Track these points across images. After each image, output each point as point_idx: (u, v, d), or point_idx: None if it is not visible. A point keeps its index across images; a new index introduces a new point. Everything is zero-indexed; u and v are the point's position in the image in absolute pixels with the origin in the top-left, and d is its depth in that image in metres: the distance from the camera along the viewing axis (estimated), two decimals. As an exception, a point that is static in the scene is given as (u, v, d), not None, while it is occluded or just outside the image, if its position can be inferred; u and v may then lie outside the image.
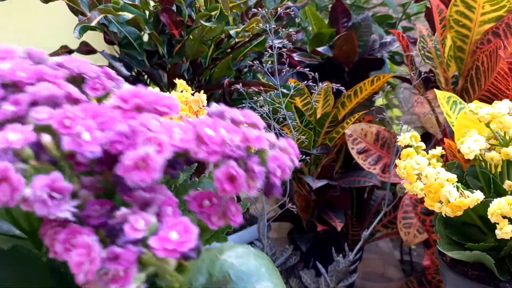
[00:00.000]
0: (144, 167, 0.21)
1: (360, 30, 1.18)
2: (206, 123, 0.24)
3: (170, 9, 0.80)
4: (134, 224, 0.21)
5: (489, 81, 0.81)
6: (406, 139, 0.59)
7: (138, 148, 0.22)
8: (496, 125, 0.53)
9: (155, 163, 0.21)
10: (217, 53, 0.90)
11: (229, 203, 0.25)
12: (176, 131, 0.23)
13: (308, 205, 1.16)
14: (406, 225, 0.95)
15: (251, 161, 0.24)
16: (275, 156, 0.25)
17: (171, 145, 0.22)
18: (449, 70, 0.93)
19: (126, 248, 0.20)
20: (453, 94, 0.72)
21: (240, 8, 0.81)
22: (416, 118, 1.09)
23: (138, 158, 0.21)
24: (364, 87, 1.07)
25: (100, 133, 0.22)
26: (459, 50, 0.88)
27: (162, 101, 0.25)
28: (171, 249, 0.21)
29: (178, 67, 0.85)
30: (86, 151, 0.21)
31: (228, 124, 0.25)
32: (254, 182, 0.24)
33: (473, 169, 0.57)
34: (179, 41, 0.82)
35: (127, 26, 0.80)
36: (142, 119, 0.23)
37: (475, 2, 0.81)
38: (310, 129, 1.04)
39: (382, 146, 1.01)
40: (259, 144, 0.24)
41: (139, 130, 0.22)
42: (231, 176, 0.23)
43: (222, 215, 0.24)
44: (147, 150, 0.21)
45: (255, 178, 0.24)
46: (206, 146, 0.23)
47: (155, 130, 0.23)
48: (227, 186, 0.23)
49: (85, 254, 0.20)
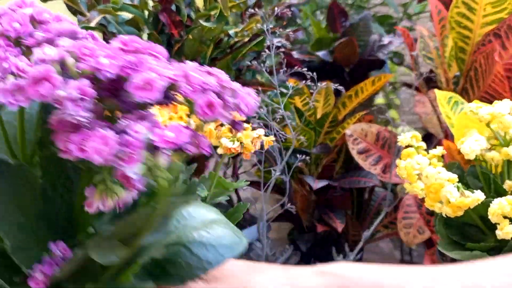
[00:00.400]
0: (149, 88, 0.28)
1: (359, 30, 1.19)
2: (191, 69, 0.32)
3: (169, 9, 0.80)
4: (137, 128, 0.27)
5: (487, 83, 0.81)
6: (407, 139, 0.58)
7: (144, 73, 0.28)
8: (497, 125, 0.52)
9: (157, 85, 0.28)
10: (216, 52, 0.90)
11: (200, 137, 0.31)
12: (170, 68, 0.30)
13: (308, 205, 1.16)
14: (406, 226, 0.95)
15: (225, 95, 0.32)
16: (241, 95, 0.33)
17: (166, 76, 0.29)
18: (450, 70, 0.92)
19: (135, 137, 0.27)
20: (455, 94, 0.72)
21: (240, 8, 0.81)
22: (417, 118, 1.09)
23: (145, 79, 0.28)
24: (365, 87, 1.07)
25: (114, 61, 0.28)
26: (461, 51, 0.88)
27: (154, 48, 0.32)
28: (170, 141, 0.27)
29: (178, 67, 0.85)
30: (104, 70, 0.27)
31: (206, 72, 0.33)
32: (227, 110, 0.31)
33: (474, 170, 0.57)
34: (179, 41, 0.82)
35: (126, 26, 0.79)
36: (142, 57, 0.30)
37: (477, 4, 0.81)
38: (310, 128, 1.04)
39: (383, 146, 1.01)
40: (229, 85, 0.32)
41: (144, 61, 0.29)
42: (210, 103, 0.31)
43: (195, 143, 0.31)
44: (152, 75, 0.28)
45: (228, 107, 0.31)
46: (190, 82, 0.31)
47: (155, 64, 0.30)
48: (207, 111, 0.30)
49: (103, 142, 0.26)
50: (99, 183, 0.29)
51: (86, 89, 0.27)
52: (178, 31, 0.83)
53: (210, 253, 0.36)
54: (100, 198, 0.29)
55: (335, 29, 1.24)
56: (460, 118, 0.62)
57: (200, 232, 0.37)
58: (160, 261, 0.36)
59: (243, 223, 1.09)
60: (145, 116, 0.29)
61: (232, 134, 0.60)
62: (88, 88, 0.27)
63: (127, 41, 0.31)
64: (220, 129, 0.61)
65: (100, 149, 0.26)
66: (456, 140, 0.62)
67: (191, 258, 0.36)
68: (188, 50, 0.81)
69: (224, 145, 0.59)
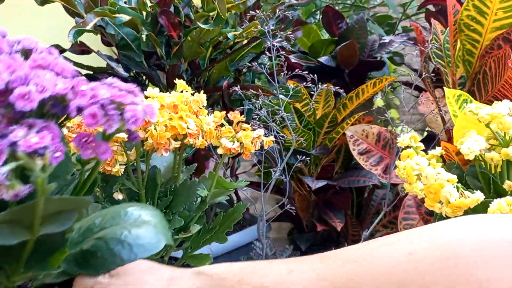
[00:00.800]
0: (27, 99, 0.34)
1: (355, 32, 1.18)
2: (84, 83, 0.38)
3: (168, 11, 0.79)
4: (16, 133, 0.33)
5: (496, 88, 0.80)
6: (406, 141, 0.59)
7: (27, 86, 0.35)
8: (496, 125, 0.53)
9: (34, 97, 0.35)
10: (216, 53, 0.90)
11: (101, 143, 0.38)
12: (60, 83, 0.37)
13: (308, 205, 1.16)
14: (407, 226, 0.95)
15: (109, 107, 0.37)
16: (131, 109, 0.38)
17: (52, 90, 0.36)
18: (457, 71, 0.92)
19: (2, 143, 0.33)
20: (464, 92, 0.72)
21: (239, 9, 0.81)
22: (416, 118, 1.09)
23: (23, 92, 0.34)
24: (366, 89, 1.07)
25: (7, 75, 0.35)
26: (468, 54, 0.87)
27: (60, 65, 0.39)
28: (28, 145, 0.33)
29: (177, 68, 0.85)
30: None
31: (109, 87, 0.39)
32: (110, 121, 0.37)
33: (473, 170, 0.57)
34: (177, 43, 0.82)
35: (124, 27, 0.79)
36: (40, 72, 0.37)
37: (488, 8, 0.80)
38: (309, 129, 1.04)
39: (384, 146, 1.01)
40: (122, 99, 0.38)
41: (30, 77, 0.36)
42: (93, 114, 0.37)
43: (94, 150, 0.37)
44: (31, 88, 0.35)
45: (111, 118, 0.37)
46: (77, 95, 0.37)
47: (44, 79, 0.36)
48: (90, 120, 0.37)
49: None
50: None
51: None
52: (177, 32, 0.82)
53: (125, 250, 0.41)
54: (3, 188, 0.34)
55: (332, 32, 1.25)
56: (460, 120, 0.63)
57: (123, 230, 0.42)
58: (85, 252, 0.42)
59: (243, 223, 1.09)
60: (33, 123, 0.35)
61: (231, 134, 0.60)
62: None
63: (37, 58, 0.38)
64: (220, 129, 0.61)
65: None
66: (455, 141, 0.62)
67: (107, 253, 0.41)
68: (187, 51, 0.81)
69: (224, 145, 0.59)
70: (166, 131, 0.55)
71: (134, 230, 0.42)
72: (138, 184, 0.61)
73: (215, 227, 0.68)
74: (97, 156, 0.37)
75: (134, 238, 0.42)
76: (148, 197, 0.63)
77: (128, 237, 0.42)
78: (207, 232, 0.68)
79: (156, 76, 0.86)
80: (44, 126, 0.35)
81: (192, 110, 0.59)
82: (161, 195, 0.65)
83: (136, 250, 0.41)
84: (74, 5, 0.74)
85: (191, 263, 0.67)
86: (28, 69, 0.36)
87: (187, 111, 0.58)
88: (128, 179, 0.61)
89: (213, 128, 0.59)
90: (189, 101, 0.59)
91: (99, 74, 0.83)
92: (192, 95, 0.60)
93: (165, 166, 0.69)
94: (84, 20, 0.69)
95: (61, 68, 0.39)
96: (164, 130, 0.55)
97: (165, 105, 0.56)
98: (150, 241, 0.42)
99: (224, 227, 0.68)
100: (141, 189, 0.62)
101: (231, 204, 1.04)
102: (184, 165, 0.67)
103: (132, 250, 0.41)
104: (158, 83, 0.86)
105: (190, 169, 0.67)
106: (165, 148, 0.57)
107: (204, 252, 0.68)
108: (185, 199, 0.63)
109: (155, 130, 0.54)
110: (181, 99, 0.58)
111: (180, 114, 0.57)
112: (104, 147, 0.37)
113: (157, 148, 0.57)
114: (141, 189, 0.62)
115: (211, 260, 0.65)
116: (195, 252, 0.68)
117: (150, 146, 0.57)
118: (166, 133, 0.55)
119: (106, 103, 0.37)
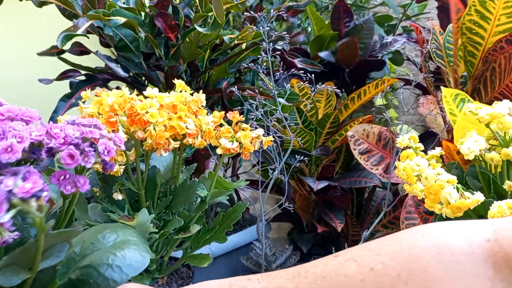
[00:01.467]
0: (11, 151, 0.37)
1: (362, 33, 1.18)
2: (55, 126, 0.42)
3: (165, 13, 0.79)
4: (6, 183, 0.36)
5: (504, 83, 0.80)
6: (405, 141, 0.58)
7: (6, 140, 0.38)
8: (496, 125, 0.52)
9: (17, 148, 0.38)
10: (215, 54, 0.90)
11: (79, 177, 0.42)
12: (34, 131, 0.40)
13: (308, 205, 1.16)
14: (409, 225, 0.94)
15: (84, 145, 0.42)
16: (103, 142, 0.43)
17: (29, 138, 0.39)
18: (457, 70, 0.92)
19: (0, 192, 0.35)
20: (462, 92, 0.72)
21: (238, 9, 0.81)
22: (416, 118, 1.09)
23: (6, 145, 0.37)
24: (368, 90, 1.07)
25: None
26: (470, 55, 0.87)
27: (26, 114, 0.42)
28: (25, 191, 0.36)
29: (176, 69, 0.85)
30: None
31: (74, 126, 0.43)
32: (87, 158, 0.41)
33: (473, 170, 0.57)
34: (175, 44, 0.82)
35: (122, 28, 0.79)
36: (12, 124, 0.40)
37: (491, 14, 0.80)
38: (311, 130, 1.04)
39: (385, 146, 1.01)
40: (92, 135, 0.42)
41: (7, 130, 0.39)
42: (71, 155, 0.40)
43: (74, 185, 0.41)
44: (12, 141, 0.38)
45: (88, 155, 0.41)
46: (53, 138, 0.41)
47: (19, 130, 0.39)
48: (69, 161, 0.40)
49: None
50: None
51: None
52: (174, 34, 0.82)
53: (116, 273, 0.44)
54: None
55: (339, 28, 1.23)
56: (459, 120, 0.62)
57: (109, 254, 0.45)
58: (74, 281, 0.44)
59: (243, 223, 1.09)
60: (17, 171, 0.38)
61: (231, 134, 0.60)
62: None
63: (3, 111, 0.41)
64: (219, 129, 0.61)
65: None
66: (455, 140, 0.62)
67: (99, 279, 0.43)
68: (185, 53, 0.81)
69: (223, 146, 0.59)
70: (165, 131, 0.55)
71: (119, 252, 0.45)
72: (138, 184, 0.61)
73: (215, 227, 0.68)
74: (78, 189, 0.41)
75: (121, 259, 0.45)
76: (148, 197, 0.63)
77: (116, 260, 0.45)
78: (207, 232, 0.68)
79: (155, 76, 0.86)
80: (26, 172, 0.38)
81: (191, 110, 0.59)
82: (160, 195, 0.65)
83: (126, 270, 0.44)
84: (72, 6, 0.74)
85: (191, 263, 0.67)
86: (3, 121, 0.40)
87: (186, 111, 0.58)
88: (128, 179, 0.61)
89: (212, 128, 0.59)
90: (188, 101, 0.59)
91: (98, 74, 0.83)
92: (191, 95, 0.60)
93: (165, 166, 0.69)
94: (76, 24, 0.68)
95: (28, 116, 0.42)
96: (163, 130, 0.55)
97: (164, 105, 0.56)
98: (136, 259, 0.45)
99: (223, 226, 0.68)
100: (140, 189, 0.62)
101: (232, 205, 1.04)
102: (183, 165, 0.67)
103: (123, 271, 0.44)
104: (158, 83, 0.86)
105: (189, 169, 0.67)
106: (164, 148, 0.57)
107: (204, 252, 0.68)
108: (185, 199, 0.63)
109: (154, 130, 0.54)
110: (180, 99, 0.58)
111: (179, 114, 0.57)
112: (82, 180, 0.42)
113: (156, 148, 0.57)
114: (141, 189, 0.62)
115: (210, 260, 0.65)
116: (195, 252, 0.68)
117: (150, 146, 0.57)
118: (165, 133, 0.55)
119: (79, 142, 0.42)
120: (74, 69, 0.85)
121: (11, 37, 1.44)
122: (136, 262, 0.45)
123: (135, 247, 0.47)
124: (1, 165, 0.39)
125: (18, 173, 0.37)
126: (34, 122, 0.42)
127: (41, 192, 0.37)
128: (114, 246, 0.46)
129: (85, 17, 0.69)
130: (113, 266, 0.44)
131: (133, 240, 0.48)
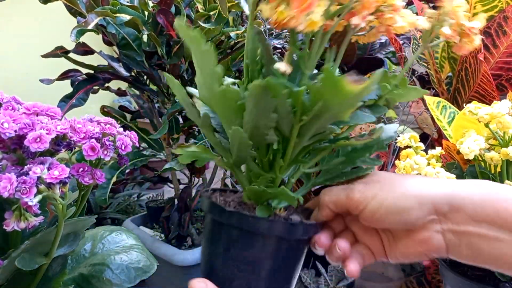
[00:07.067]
0: (39, 141, 0.41)
1: (362, 33, 1.18)
2: (78, 121, 0.46)
3: (167, 11, 0.79)
4: (34, 170, 0.39)
5: (476, 82, 0.81)
6: (406, 140, 0.59)
7: (36, 131, 0.42)
8: (496, 125, 0.53)
9: (45, 139, 0.41)
10: (217, 53, 0.90)
11: (96, 170, 0.46)
12: (59, 124, 0.44)
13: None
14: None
15: (104, 140, 0.46)
16: (120, 138, 0.47)
17: (55, 131, 0.43)
18: (442, 71, 0.93)
19: (30, 177, 0.39)
20: (442, 99, 0.73)
21: (240, 8, 0.81)
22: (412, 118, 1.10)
23: (36, 135, 0.41)
24: (369, 91, 1.07)
25: (14, 124, 0.42)
26: (453, 51, 0.88)
27: (51, 110, 0.46)
28: (55, 177, 0.40)
29: (177, 67, 0.85)
30: (6, 132, 0.41)
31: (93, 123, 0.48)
32: (107, 151, 0.45)
33: (473, 169, 0.57)
34: (177, 42, 0.82)
35: (125, 27, 0.79)
36: (39, 118, 0.44)
37: (467, 2, 0.81)
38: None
39: (381, 145, 1.01)
40: (110, 131, 0.47)
41: (36, 122, 0.43)
42: (92, 147, 0.45)
43: (91, 176, 0.45)
44: (41, 132, 0.42)
45: (108, 148, 0.46)
46: (76, 132, 0.45)
47: (46, 123, 0.43)
48: (90, 153, 0.44)
49: (8, 182, 0.38)
50: (15, 210, 0.40)
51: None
52: (176, 32, 0.82)
53: (128, 273, 0.48)
54: (15, 220, 0.40)
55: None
56: (458, 119, 0.63)
57: (121, 255, 0.49)
58: (87, 276, 0.48)
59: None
60: (44, 160, 0.42)
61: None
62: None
63: (29, 107, 0.45)
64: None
65: (5, 187, 0.38)
66: (454, 140, 0.62)
67: (112, 277, 0.47)
68: (187, 51, 0.81)
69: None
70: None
71: (129, 255, 0.50)
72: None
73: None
74: (95, 180, 0.45)
75: (132, 262, 0.49)
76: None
77: (127, 262, 0.49)
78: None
79: (157, 75, 0.86)
80: (51, 163, 0.42)
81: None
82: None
83: (137, 273, 0.49)
84: (76, 3, 0.74)
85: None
86: (26, 117, 0.43)
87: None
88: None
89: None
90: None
91: (99, 74, 0.83)
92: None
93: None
94: (86, 20, 0.69)
95: (52, 112, 0.46)
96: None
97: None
98: (145, 263, 0.50)
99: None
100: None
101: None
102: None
103: (134, 273, 0.48)
104: (159, 82, 0.86)
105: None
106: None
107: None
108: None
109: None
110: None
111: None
112: (99, 173, 0.46)
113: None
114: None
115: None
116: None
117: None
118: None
119: (99, 136, 0.46)
120: (75, 69, 0.85)
121: (11, 37, 1.43)
122: (146, 267, 0.49)
123: (142, 252, 0.51)
124: (29, 154, 0.43)
125: (45, 163, 0.41)
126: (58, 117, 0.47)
127: (68, 179, 0.41)
128: (124, 249, 0.50)
129: (93, 13, 0.71)
130: (125, 267, 0.48)
131: (139, 246, 0.52)
